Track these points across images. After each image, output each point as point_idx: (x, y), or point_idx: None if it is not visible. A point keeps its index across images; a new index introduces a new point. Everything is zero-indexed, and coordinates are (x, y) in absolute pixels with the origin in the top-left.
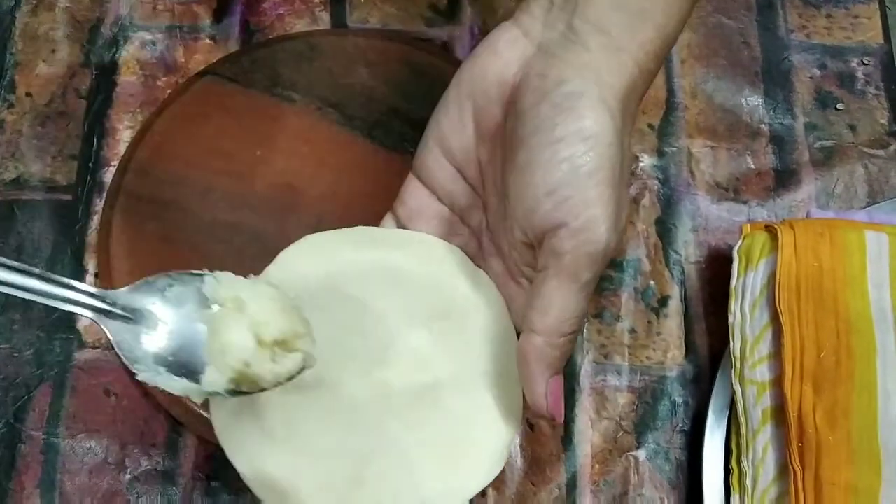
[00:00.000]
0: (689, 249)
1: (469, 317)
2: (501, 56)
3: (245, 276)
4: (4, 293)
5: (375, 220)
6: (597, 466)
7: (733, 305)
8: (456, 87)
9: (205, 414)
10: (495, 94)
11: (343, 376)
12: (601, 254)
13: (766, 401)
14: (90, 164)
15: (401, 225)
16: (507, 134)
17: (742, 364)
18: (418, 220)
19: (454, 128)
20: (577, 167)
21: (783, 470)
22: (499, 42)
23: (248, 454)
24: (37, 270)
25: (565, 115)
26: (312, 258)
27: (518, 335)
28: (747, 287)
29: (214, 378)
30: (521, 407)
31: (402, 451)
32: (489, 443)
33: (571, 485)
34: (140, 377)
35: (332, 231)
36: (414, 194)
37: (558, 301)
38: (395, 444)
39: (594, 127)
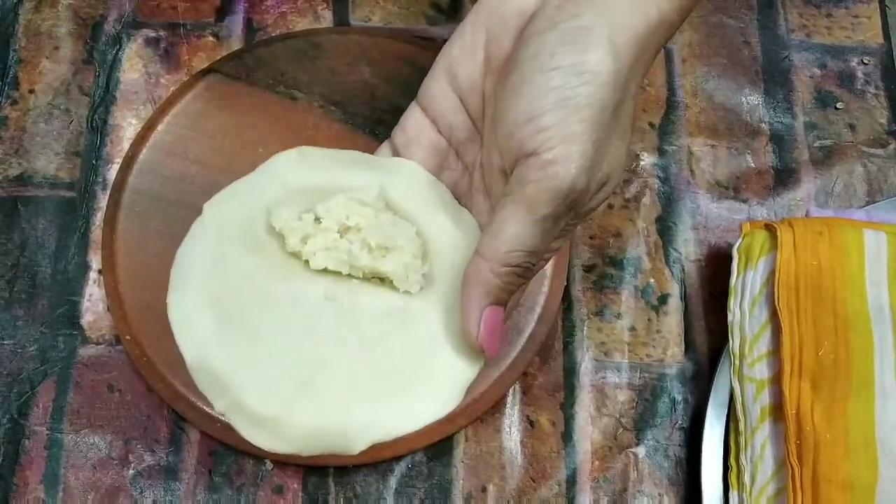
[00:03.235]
0: (689, 247)
1: (445, 253)
2: None
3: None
4: None
5: None
6: (596, 463)
7: (732, 303)
8: (474, 13)
9: (207, 409)
10: (511, 24)
11: (312, 282)
12: (564, 192)
13: (765, 398)
14: (94, 161)
15: (396, 152)
16: (508, 57)
17: (741, 361)
18: (414, 148)
19: (464, 55)
20: (564, 99)
21: (781, 466)
22: None
23: (197, 343)
24: None
25: (568, 47)
26: (304, 169)
27: None
28: (747, 285)
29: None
30: None
31: (359, 366)
32: (449, 377)
33: (571, 481)
34: None
35: (327, 149)
36: (414, 122)
37: (509, 228)
38: (352, 358)
39: (594, 64)
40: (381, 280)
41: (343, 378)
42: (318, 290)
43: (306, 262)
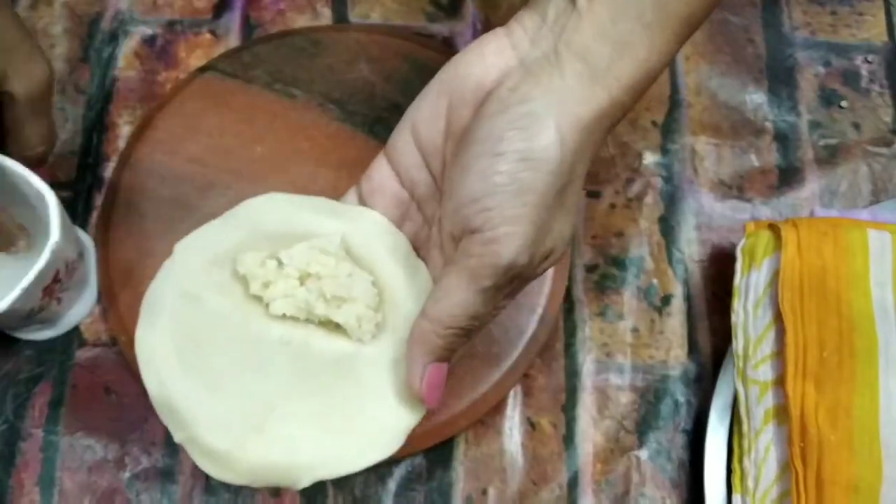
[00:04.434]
0: (692, 248)
1: (398, 304)
2: (485, 61)
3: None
4: None
5: None
6: (598, 465)
7: (736, 304)
8: (439, 80)
9: None
10: (470, 97)
11: (270, 325)
12: (504, 269)
13: (769, 400)
14: (89, 160)
15: (361, 198)
16: (465, 131)
17: (745, 363)
18: (378, 198)
19: (428, 119)
20: (506, 184)
21: (785, 469)
22: (487, 46)
23: (159, 376)
24: None
25: (515, 133)
26: (273, 214)
27: None
28: (750, 286)
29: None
30: None
31: (307, 408)
32: (391, 422)
33: (573, 484)
34: None
35: (296, 195)
36: (380, 172)
37: (452, 295)
38: (302, 401)
39: (539, 151)
40: (337, 325)
41: (292, 420)
42: (276, 334)
43: (267, 305)
